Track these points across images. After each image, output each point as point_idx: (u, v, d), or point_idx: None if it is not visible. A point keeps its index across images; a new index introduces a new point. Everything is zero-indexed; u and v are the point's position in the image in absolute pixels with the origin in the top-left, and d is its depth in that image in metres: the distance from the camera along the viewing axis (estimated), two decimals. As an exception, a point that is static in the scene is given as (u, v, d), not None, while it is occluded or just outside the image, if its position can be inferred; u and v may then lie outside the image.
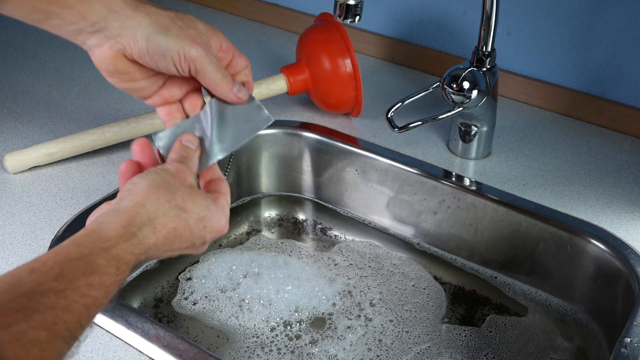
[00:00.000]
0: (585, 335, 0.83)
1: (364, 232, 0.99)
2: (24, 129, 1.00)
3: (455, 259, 0.94)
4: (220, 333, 0.84)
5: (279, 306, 0.87)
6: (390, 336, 0.83)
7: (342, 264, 0.94)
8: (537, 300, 0.87)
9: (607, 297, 0.83)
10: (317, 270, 0.92)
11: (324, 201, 1.03)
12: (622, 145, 1.01)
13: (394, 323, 0.85)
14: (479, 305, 0.89)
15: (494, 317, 0.87)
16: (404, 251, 0.96)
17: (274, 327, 0.85)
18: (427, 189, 0.93)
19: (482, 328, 0.85)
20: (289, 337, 0.83)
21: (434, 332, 0.85)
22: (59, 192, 0.88)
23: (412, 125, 0.87)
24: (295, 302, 0.87)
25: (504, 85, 1.10)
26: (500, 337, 0.84)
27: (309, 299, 0.87)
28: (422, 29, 1.17)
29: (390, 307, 0.87)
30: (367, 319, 0.86)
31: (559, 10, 1.03)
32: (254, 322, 0.85)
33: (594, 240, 0.83)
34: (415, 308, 0.88)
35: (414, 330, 0.84)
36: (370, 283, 0.91)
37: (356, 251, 0.96)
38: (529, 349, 0.82)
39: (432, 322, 0.86)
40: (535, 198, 0.89)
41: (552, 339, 0.82)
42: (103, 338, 0.69)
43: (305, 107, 1.07)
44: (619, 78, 1.02)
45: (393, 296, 0.89)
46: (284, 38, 1.29)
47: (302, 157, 1.02)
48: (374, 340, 0.83)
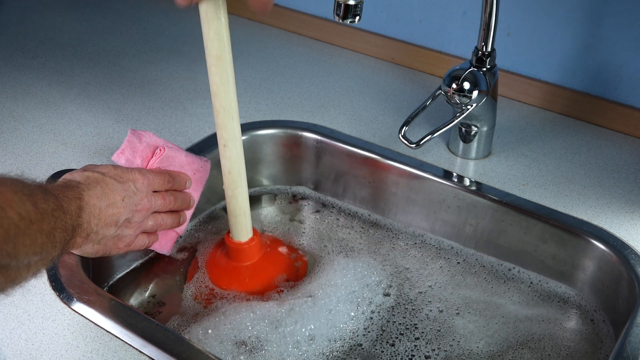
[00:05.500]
0: (585, 336, 0.83)
1: (365, 232, 0.99)
2: (24, 129, 1.00)
3: (455, 259, 0.93)
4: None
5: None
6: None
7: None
8: (537, 300, 0.87)
9: (608, 297, 0.83)
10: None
11: (324, 200, 1.03)
12: (622, 145, 1.01)
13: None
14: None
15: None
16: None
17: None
18: (427, 188, 0.93)
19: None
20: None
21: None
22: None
23: (426, 139, 0.87)
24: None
25: (504, 85, 1.10)
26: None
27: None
28: (422, 29, 1.17)
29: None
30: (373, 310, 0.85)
31: (559, 10, 1.03)
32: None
33: (594, 240, 0.83)
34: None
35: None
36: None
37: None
38: (529, 349, 0.81)
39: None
40: (535, 198, 0.89)
41: (552, 339, 0.82)
42: (103, 338, 0.69)
43: (306, 107, 1.07)
44: (619, 78, 1.02)
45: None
46: (284, 38, 1.29)
47: (302, 157, 1.02)
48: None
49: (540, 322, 0.84)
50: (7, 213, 0.53)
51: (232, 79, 0.74)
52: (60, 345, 0.68)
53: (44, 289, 0.74)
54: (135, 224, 0.75)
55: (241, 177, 0.80)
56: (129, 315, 0.71)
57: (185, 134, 1.01)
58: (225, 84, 0.73)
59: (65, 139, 0.99)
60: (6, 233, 0.52)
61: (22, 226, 0.54)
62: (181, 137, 1.00)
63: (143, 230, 0.78)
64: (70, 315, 0.72)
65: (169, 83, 1.14)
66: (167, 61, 1.21)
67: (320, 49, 1.26)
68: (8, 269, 0.53)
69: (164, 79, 1.15)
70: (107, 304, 0.72)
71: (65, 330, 0.70)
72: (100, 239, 0.71)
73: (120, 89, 1.11)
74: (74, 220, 0.64)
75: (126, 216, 0.73)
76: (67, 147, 0.97)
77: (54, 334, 0.70)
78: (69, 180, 0.69)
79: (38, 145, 0.97)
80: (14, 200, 0.54)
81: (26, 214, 0.55)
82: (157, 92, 1.11)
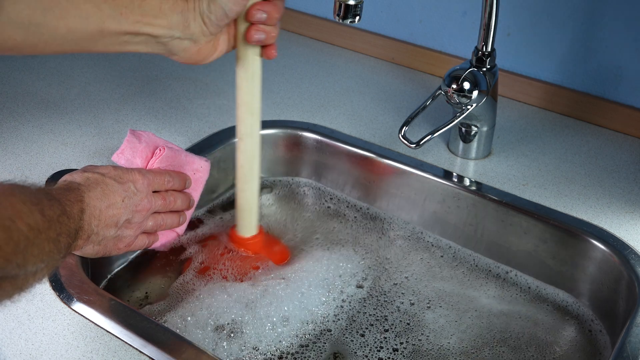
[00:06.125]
0: (585, 336, 0.83)
1: (364, 231, 0.99)
2: (24, 129, 1.00)
3: (455, 258, 0.93)
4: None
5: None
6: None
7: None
8: (537, 300, 0.87)
9: (608, 297, 0.83)
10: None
11: (323, 195, 1.03)
12: (622, 145, 1.01)
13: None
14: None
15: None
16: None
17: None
18: (427, 188, 0.93)
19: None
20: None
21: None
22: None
23: (426, 139, 0.87)
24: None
25: (504, 85, 1.10)
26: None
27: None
28: (422, 29, 1.17)
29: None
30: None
31: (559, 10, 1.03)
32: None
33: (594, 240, 0.83)
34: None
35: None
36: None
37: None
38: (529, 348, 0.81)
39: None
40: (535, 198, 0.89)
41: (552, 339, 0.82)
42: (103, 338, 0.69)
43: (306, 107, 1.07)
44: (619, 78, 1.02)
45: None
46: (284, 38, 1.29)
47: (302, 157, 1.02)
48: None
49: (539, 323, 0.84)
50: (17, 225, 0.52)
51: (258, 76, 0.75)
52: (60, 345, 0.68)
53: (44, 289, 0.74)
54: (136, 224, 0.75)
55: (252, 173, 0.81)
56: (129, 315, 0.71)
57: (185, 134, 1.01)
58: (250, 79, 0.75)
59: (65, 139, 0.99)
60: (16, 245, 0.52)
61: (32, 237, 0.54)
62: (181, 137, 1.00)
63: (143, 230, 0.78)
64: (70, 315, 0.72)
65: (169, 83, 1.14)
66: (167, 61, 1.20)
67: (320, 49, 1.26)
68: (16, 278, 0.53)
69: (164, 79, 1.15)
70: (107, 304, 0.72)
71: (65, 330, 0.70)
72: (100, 240, 0.71)
73: (120, 89, 1.11)
74: (76, 224, 0.64)
75: (126, 217, 0.73)
76: (67, 147, 0.97)
77: (54, 334, 0.70)
78: (70, 183, 0.69)
79: (38, 145, 0.97)
80: (23, 211, 0.54)
81: (35, 224, 0.54)
82: (157, 92, 1.11)
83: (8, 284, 0.52)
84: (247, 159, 0.80)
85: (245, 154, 0.80)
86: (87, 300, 0.72)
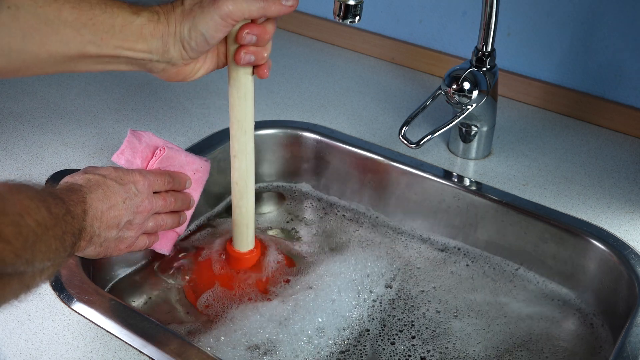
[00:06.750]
0: (585, 335, 0.83)
1: (365, 231, 0.99)
2: (24, 129, 1.00)
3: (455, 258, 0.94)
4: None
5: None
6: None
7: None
8: (537, 300, 0.87)
9: (608, 297, 0.83)
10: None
11: (323, 199, 1.03)
12: (622, 145, 1.01)
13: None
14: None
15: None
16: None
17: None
18: (427, 189, 0.93)
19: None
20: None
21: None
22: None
23: (427, 139, 0.87)
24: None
25: (504, 85, 1.10)
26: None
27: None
28: (422, 29, 1.17)
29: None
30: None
31: (559, 10, 1.03)
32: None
33: (594, 240, 0.83)
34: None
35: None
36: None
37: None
38: (529, 348, 0.81)
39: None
40: (535, 198, 0.89)
41: (552, 339, 0.82)
42: (103, 338, 0.69)
43: (306, 107, 1.07)
44: (619, 78, 1.02)
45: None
46: (284, 38, 1.29)
47: (302, 157, 1.02)
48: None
49: (538, 322, 0.84)
50: (26, 220, 0.53)
51: (250, 94, 0.74)
52: (60, 345, 0.68)
53: (44, 289, 0.74)
54: (137, 225, 0.75)
55: (247, 189, 0.80)
56: (129, 315, 0.71)
57: (185, 134, 1.01)
58: (243, 98, 0.74)
59: (65, 139, 0.99)
60: (25, 240, 0.52)
61: (40, 232, 0.54)
62: (181, 137, 1.00)
63: (144, 231, 0.78)
64: (70, 315, 0.72)
65: (168, 83, 1.14)
66: (167, 61, 1.20)
67: (320, 49, 1.26)
68: (24, 275, 0.53)
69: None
70: (107, 304, 0.72)
71: (65, 330, 0.70)
72: (102, 241, 0.71)
73: (120, 89, 1.11)
74: (80, 224, 0.65)
75: (127, 218, 0.73)
76: (67, 147, 0.97)
77: (54, 334, 0.70)
78: (72, 184, 0.69)
79: (38, 145, 0.97)
80: (31, 207, 0.54)
81: (42, 220, 0.55)
82: (157, 92, 1.11)
83: (16, 281, 0.53)
84: (242, 176, 0.79)
85: (239, 171, 0.79)
86: (87, 300, 0.73)
